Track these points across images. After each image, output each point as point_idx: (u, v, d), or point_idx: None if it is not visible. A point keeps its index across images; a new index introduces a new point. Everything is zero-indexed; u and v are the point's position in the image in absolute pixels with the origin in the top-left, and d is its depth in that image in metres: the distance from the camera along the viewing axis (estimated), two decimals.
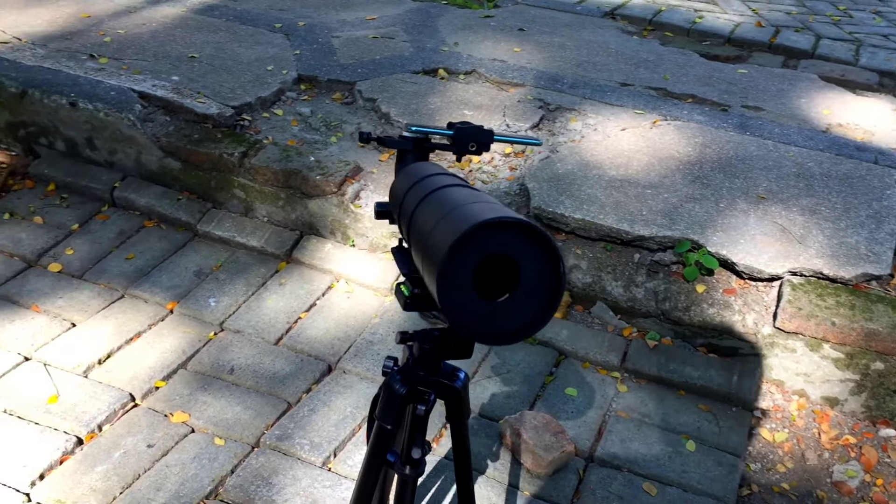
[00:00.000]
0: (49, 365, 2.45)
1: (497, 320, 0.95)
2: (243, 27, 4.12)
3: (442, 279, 0.90)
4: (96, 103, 3.21)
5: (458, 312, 0.93)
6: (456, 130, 1.63)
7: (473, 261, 0.92)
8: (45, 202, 3.21)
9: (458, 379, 1.34)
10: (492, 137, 1.64)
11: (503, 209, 0.96)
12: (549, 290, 0.93)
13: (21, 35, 3.82)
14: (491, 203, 1.01)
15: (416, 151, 1.62)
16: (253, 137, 3.17)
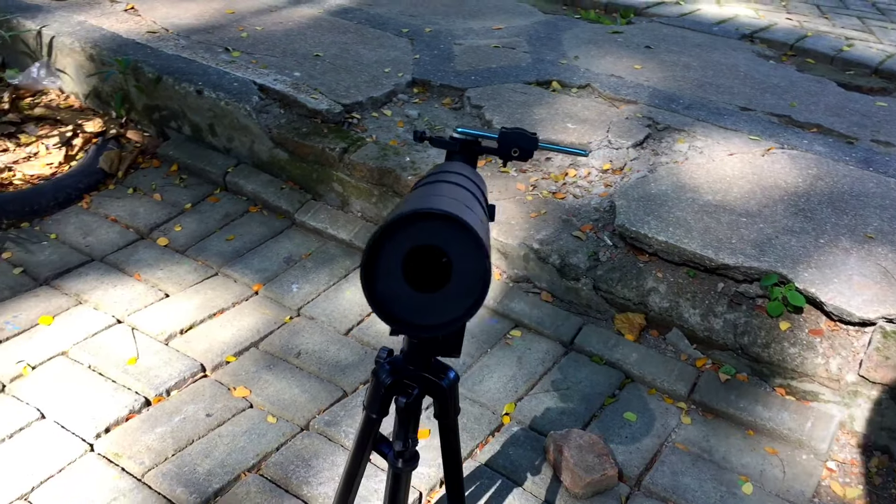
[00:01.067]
0: (136, 329, 2.62)
1: (427, 312, 0.95)
2: (372, 30, 4.26)
3: (365, 267, 0.91)
4: (219, 92, 3.42)
5: (385, 302, 0.94)
6: (501, 135, 1.64)
7: (402, 251, 0.93)
8: (166, 181, 3.45)
9: (446, 377, 1.34)
10: (536, 144, 1.63)
11: (448, 203, 0.96)
12: (478, 285, 0.93)
13: (169, 26, 4.12)
14: (450, 199, 1.02)
15: (463, 153, 1.63)
16: (357, 135, 3.28)
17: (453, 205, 0.96)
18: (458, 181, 1.21)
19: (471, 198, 1.12)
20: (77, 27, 3.97)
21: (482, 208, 1.16)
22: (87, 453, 2.18)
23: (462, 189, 1.15)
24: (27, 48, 4.09)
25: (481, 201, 1.20)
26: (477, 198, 1.18)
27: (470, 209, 0.99)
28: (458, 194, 1.07)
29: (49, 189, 3.30)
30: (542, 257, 2.78)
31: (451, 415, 1.38)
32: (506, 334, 2.69)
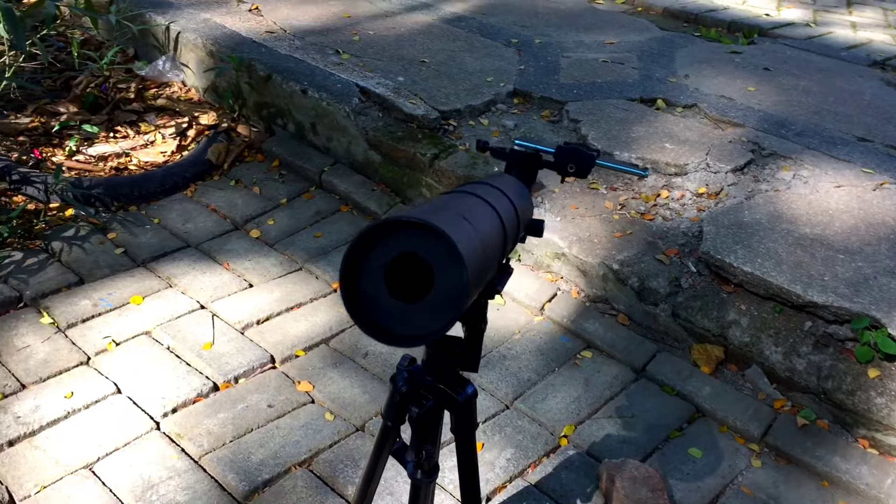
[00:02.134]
0: (217, 316, 2.72)
1: (406, 323, 0.94)
2: (481, 39, 4.27)
3: (345, 271, 0.91)
4: (322, 93, 3.51)
5: (365, 308, 0.93)
6: (558, 149, 1.61)
7: (387, 258, 0.92)
8: (266, 175, 3.57)
9: (463, 392, 1.32)
10: (593, 161, 1.60)
11: (440, 213, 0.94)
12: (457, 300, 0.91)
13: (287, 27, 4.26)
14: (448, 210, 1.00)
15: (521, 167, 1.62)
16: (449, 142, 3.29)
17: (444, 216, 0.94)
18: (479, 192, 1.19)
19: (480, 210, 1.10)
20: (202, 24, 4.16)
21: (496, 222, 1.13)
22: (152, 431, 2.28)
23: (476, 200, 1.13)
24: (156, 42, 4.33)
25: (502, 215, 1.17)
26: (495, 210, 1.16)
27: (467, 221, 0.97)
28: (463, 205, 1.05)
29: (158, 176, 3.48)
30: (621, 278, 2.70)
31: (467, 430, 1.36)
32: (576, 354, 2.63)
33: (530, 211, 1.47)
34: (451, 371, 1.32)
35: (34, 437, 2.23)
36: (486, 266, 1.02)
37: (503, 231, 1.18)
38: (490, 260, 1.07)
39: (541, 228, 1.50)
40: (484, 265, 1.01)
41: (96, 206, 3.31)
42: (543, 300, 2.81)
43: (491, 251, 1.08)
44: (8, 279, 2.83)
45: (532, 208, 1.49)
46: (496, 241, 1.13)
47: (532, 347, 2.65)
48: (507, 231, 1.20)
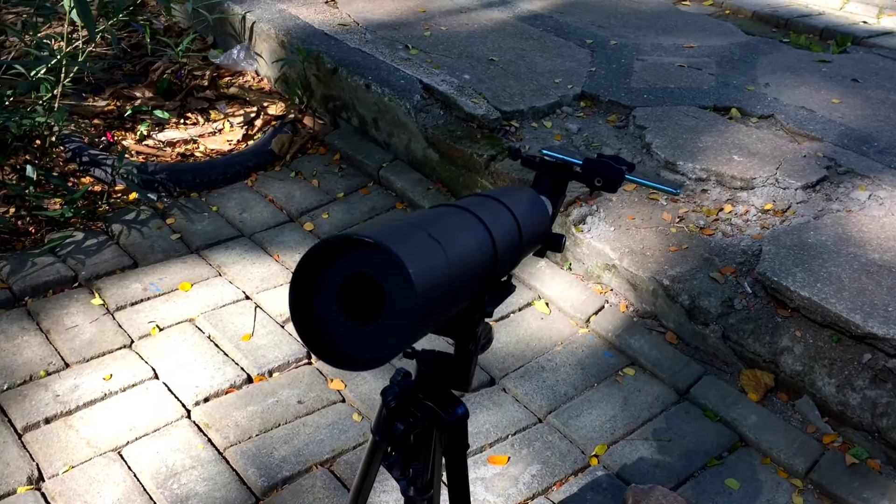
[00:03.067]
0: (260, 307, 2.74)
1: (359, 345, 0.89)
2: (554, 39, 4.18)
3: (294, 291, 0.87)
4: (385, 88, 3.49)
5: (317, 328, 0.89)
6: (585, 162, 1.54)
7: (339, 277, 0.88)
8: (326, 168, 3.57)
9: (453, 412, 1.27)
10: (621, 176, 1.53)
11: (396, 231, 0.89)
12: (407, 323, 0.86)
13: (360, 20, 4.26)
14: (410, 227, 0.95)
15: (551, 177, 1.56)
16: (507, 143, 3.22)
17: (404, 233, 0.89)
18: (472, 207, 1.13)
19: (462, 228, 1.04)
20: (276, 15, 4.20)
21: (482, 241, 1.07)
22: (183, 419, 2.30)
23: (463, 217, 1.08)
24: (233, 31, 4.40)
25: (495, 233, 1.11)
26: (486, 228, 1.10)
27: (434, 240, 0.92)
28: (441, 222, 1.00)
29: (221, 164, 3.53)
30: (671, 295, 2.59)
31: (456, 452, 1.31)
32: (618, 371, 2.54)
33: (545, 225, 1.41)
34: (442, 389, 1.27)
35: (70, 416, 2.28)
36: (454, 288, 0.97)
37: (493, 250, 1.12)
38: (464, 280, 1.02)
39: (560, 244, 1.43)
40: (451, 287, 0.95)
41: (159, 191, 3.38)
42: (590, 312, 2.72)
43: (466, 271, 1.02)
44: (66, 258, 2.92)
45: (549, 222, 1.42)
46: (478, 261, 1.07)
47: (573, 361, 2.57)
48: (500, 249, 1.15)
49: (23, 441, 2.20)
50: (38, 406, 2.29)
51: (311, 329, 0.89)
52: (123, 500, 2.05)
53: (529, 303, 2.81)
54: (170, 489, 2.08)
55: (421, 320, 0.86)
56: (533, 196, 1.41)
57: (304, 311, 0.89)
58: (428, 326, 0.93)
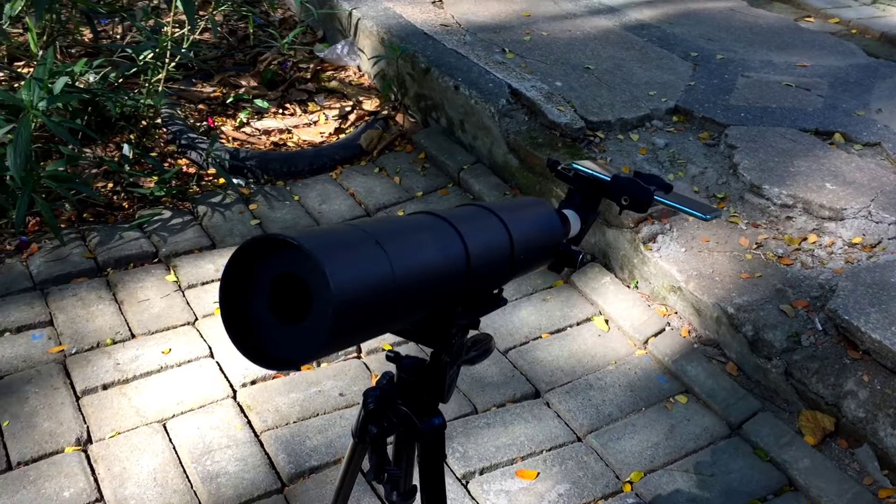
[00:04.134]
0: None
1: (284, 345, 0.89)
2: (657, 50, 4.06)
3: (223, 285, 0.88)
4: (473, 90, 3.49)
5: (246, 328, 0.90)
6: (613, 179, 1.51)
7: (270, 276, 0.88)
8: (410, 167, 3.61)
9: (428, 422, 1.25)
10: (648, 197, 1.48)
11: (331, 235, 0.89)
12: (325, 328, 0.85)
13: (462, 21, 4.28)
14: (358, 232, 0.94)
15: (583, 192, 1.53)
16: (588, 153, 3.16)
17: (340, 237, 0.89)
18: (451, 217, 1.12)
19: (426, 237, 1.03)
20: (381, 12, 4.27)
21: (450, 251, 1.05)
22: (228, 398, 2.38)
23: (433, 226, 1.06)
24: (341, 27, 4.50)
25: (471, 245, 1.09)
26: (461, 239, 1.08)
27: (379, 245, 0.91)
28: (399, 229, 0.99)
29: (308, 155, 3.62)
30: (735, 324, 2.47)
31: (431, 463, 1.29)
32: (670, 397, 2.45)
33: (556, 239, 1.37)
34: (421, 398, 1.26)
35: (126, 385, 2.40)
36: (402, 296, 0.95)
37: (466, 261, 1.10)
38: (420, 290, 1.00)
39: (576, 260, 1.40)
40: (395, 295, 0.94)
41: (247, 177, 3.50)
42: (649, 334, 2.63)
43: (423, 280, 1.00)
44: (151, 235, 3.06)
45: (561, 237, 1.39)
46: (443, 271, 1.05)
47: (624, 382, 2.49)
48: (476, 261, 1.12)
49: (79, 404, 2.32)
50: (98, 372, 2.42)
51: (239, 324, 0.90)
52: (159, 470, 2.13)
53: (589, 318, 2.74)
54: (203, 465, 2.15)
55: (342, 325, 0.85)
56: (543, 209, 1.38)
57: (235, 306, 0.90)
58: (360, 332, 0.92)
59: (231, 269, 0.88)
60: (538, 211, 1.38)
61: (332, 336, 0.84)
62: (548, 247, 1.38)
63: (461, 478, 2.16)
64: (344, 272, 0.85)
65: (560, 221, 1.40)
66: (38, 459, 2.15)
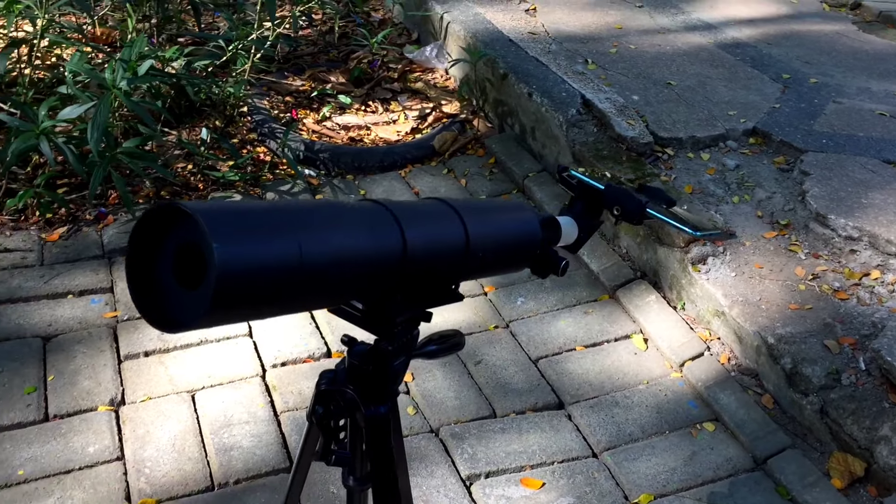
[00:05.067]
0: None
1: (180, 309, 0.93)
2: (748, 70, 3.93)
3: (131, 245, 0.92)
4: (545, 99, 3.48)
5: (149, 291, 0.93)
6: (606, 188, 1.50)
7: (173, 246, 0.92)
8: (478, 170, 3.63)
9: (374, 409, 1.27)
10: (640, 208, 1.47)
11: (228, 210, 0.92)
12: (208, 296, 0.88)
13: (551, 30, 4.26)
14: (279, 211, 0.97)
15: (585, 200, 1.53)
16: (651, 170, 3.09)
17: (236, 212, 0.92)
18: (397, 205, 1.14)
19: (354, 222, 1.04)
20: (471, 17, 4.31)
21: (381, 243, 1.07)
22: (257, 377, 2.46)
23: (361, 211, 1.08)
24: (433, 29, 4.57)
25: (409, 235, 1.10)
26: (400, 230, 1.09)
27: (288, 227, 0.93)
28: (309, 212, 1.01)
29: (380, 152, 3.70)
30: (773, 355, 2.37)
31: (376, 453, 1.31)
32: (697, 423, 2.37)
33: (532, 242, 1.37)
34: (370, 384, 1.28)
35: (165, 354, 2.52)
36: (310, 278, 0.97)
37: (402, 251, 1.11)
38: (339, 274, 1.02)
39: (559, 267, 1.39)
40: (301, 276, 0.96)
41: (319, 169, 3.61)
42: (686, 357, 2.56)
43: (342, 265, 1.02)
44: None
45: (538, 243, 1.38)
46: (370, 259, 1.06)
47: (652, 402, 2.43)
48: (416, 253, 1.13)
49: (120, 367, 2.46)
50: (143, 339, 2.56)
51: (144, 284, 0.94)
52: (179, 437, 2.23)
53: (628, 335, 2.69)
54: (220, 437, 2.24)
55: (226, 296, 0.87)
56: (521, 213, 1.38)
57: (142, 267, 0.94)
58: (256, 307, 0.94)
59: (138, 232, 0.92)
60: (514, 214, 1.38)
61: (215, 305, 0.87)
62: (522, 250, 1.38)
63: (465, 479, 2.16)
64: (235, 245, 0.87)
65: (540, 227, 1.39)
66: (72, 414, 2.29)
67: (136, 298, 0.94)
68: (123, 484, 2.10)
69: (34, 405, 2.30)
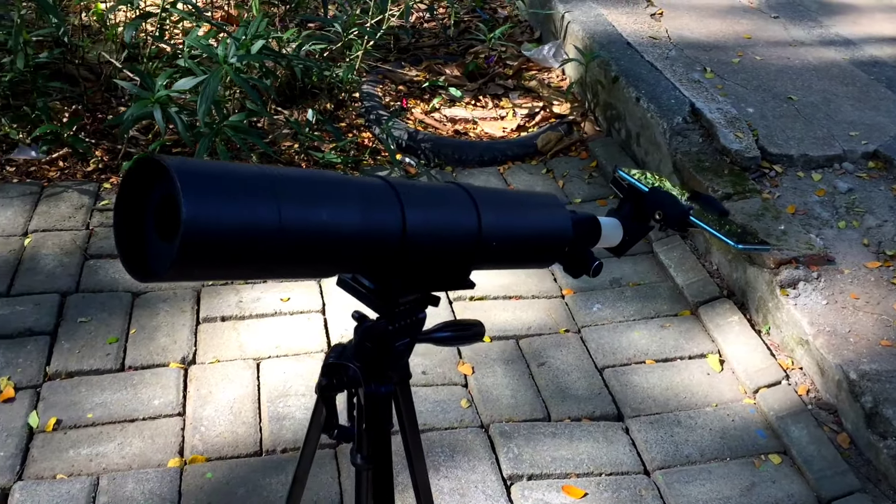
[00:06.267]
0: None
1: (157, 259, 0.95)
2: (882, 90, 3.67)
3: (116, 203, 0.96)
4: (651, 104, 3.38)
5: (129, 236, 0.96)
6: (650, 191, 1.46)
7: (156, 199, 0.95)
8: (578, 173, 3.57)
9: (373, 387, 1.28)
10: (684, 215, 1.42)
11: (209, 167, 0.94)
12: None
13: (674, 36, 4.13)
14: (237, 169, 0.98)
15: (632, 202, 1.50)
16: (753, 185, 2.95)
17: (217, 171, 0.93)
18: (410, 185, 1.14)
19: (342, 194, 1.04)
20: (591, 18, 4.24)
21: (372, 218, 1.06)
22: (321, 352, 2.52)
23: (365, 186, 1.08)
24: (553, 28, 4.53)
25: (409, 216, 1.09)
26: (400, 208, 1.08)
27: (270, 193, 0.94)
28: (299, 181, 1.01)
29: (481, 147, 3.70)
30: (854, 391, 2.22)
31: (372, 428, 1.31)
32: (762, 454, 2.25)
33: (559, 238, 1.33)
34: (373, 362, 1.29)
35: (241, 321, 2.61)
36: (288, 249, 0.97)
37: (402, 232, 1.10)
38: (321, 247, 1.02)
39: (588, 266, 1.36)
40: (284, 246, 0.96)
41: (419, 158, 3.65)
42: (762, 383, 2.43)
43: (326, 237, 1.02)
44: None
45: (567, 241, 1.34)
46: (360, 235, 1.05)
47: (717, 426, 2.32)
48: (417, 236, 1.11)
49: (197, 328, 2.57)
50: (222, 305, 2.66)
51: (129, 233, 0.96)
52: (238, 401, 2.31)
53: (703, 355, 2.57)
54: (276, 406, 2.30)
55: (192, 250, 0.88)
56: (552, 208, 1.34)
57: (129, 215, 0.96)
58: (226, 266, 0.95)
59: (127, 183, 0.95)
60: (544, 209, 1.34)
61: (181, 258, 0.89)
62: (547, 246, 1.35)
63: (506, 478, 2.13)
64: (206, 202, 0.89)
65: (572, 225, 1.36)
66: (145, 368, 2.41)
67: (119, 244, 0.97)
68: (180, 438, 2.20)
69: (113, 355, 2.44)
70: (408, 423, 1.50)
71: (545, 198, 1.36)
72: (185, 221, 0.88)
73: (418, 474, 1.58)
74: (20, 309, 2.56)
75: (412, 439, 1.52)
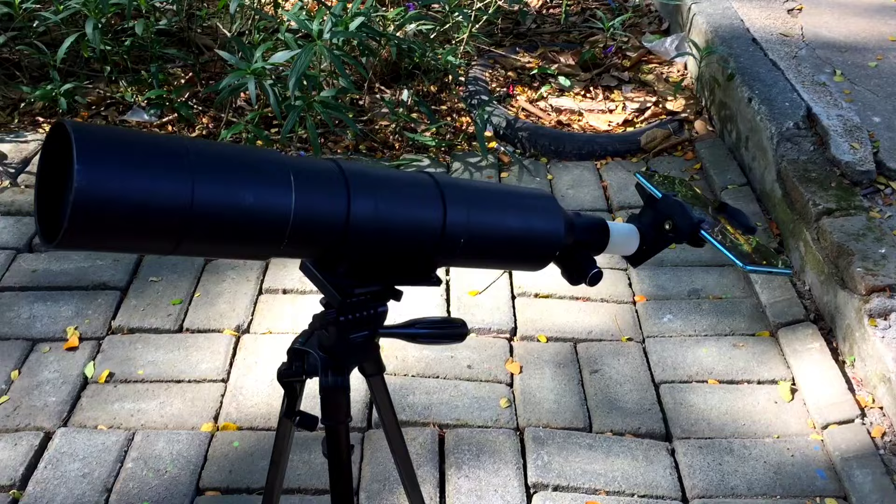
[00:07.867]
0: (508, 273, 2.78)
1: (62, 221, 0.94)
2: None
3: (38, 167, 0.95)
4: (763, 106, 3.14)
5: (47, 207, 0.95)
6: (663, 198, 1.36)
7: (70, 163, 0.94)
8: (678, 174, 3.38)
9: (328, 377, 1.24)
10: (693, 228, 1.31)
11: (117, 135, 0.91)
12: None
13: (808, 34, 3.83)
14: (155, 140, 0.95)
15: (651, 206, 1.41)
16: (859, 202, 2.68)
17: (126, 140, 0.91)
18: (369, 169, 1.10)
19: (273, 175, 0.99)
20: (720, 11, 3.99)
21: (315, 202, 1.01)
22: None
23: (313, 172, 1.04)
24: (681, 20, 4.30)
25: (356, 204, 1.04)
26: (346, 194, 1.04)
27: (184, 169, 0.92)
28: (230, 159, 0.97)
29: (581, 139, 3.57)
30: None
31: (326, 418, 1.28)
32: (817, 496, 2.05)
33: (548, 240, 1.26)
34: (332, 352, 1.26)
35: (300, 295, 2.65)
36: (200, 228, 0.94)
37: (345, 220, 1.05)
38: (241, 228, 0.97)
39: (586, 273, 1.29)
40: (196, 224, 0.93)
41: (516, 146, 3.56)
42: (833, 419, 2.21)
43: (254, 219, 0.98)
44: None
45: (557, 244, 1.27)
46: (284, 218, 1.00)
47: (773, 460, 2.13)
48: (362, 225, 1.06)
49: (257, 299, 2.62)
50: (285, 278, 2.70)
51: (48, 197, 0.95)
52: None
53: (774, 380, 2.37)
54: (314, 383, 2.30)
55: (84, 219, 0.86)
56: (541, 210, 1.26)
57: (49, 180, 0.95)
58: (128, 238, 0.92)
59: (46, 148, 0.95)
60: (532, 208, 1.26)
61: (72, 226, 0.86)
62: (531, 247, 1.27)
63: (530, 485, 2.05)
64: (106, 171, 0.87)
65: (565, 227, 1.27)
66: (201, 331, 2.48)
67: (37, 209, 0.97)
68: (217, 404, 2.25)
69: (174, 316, 2.52)
70: (385, 417, 1.46)
71: (537, 198, 1.28)
72: (76, 189, 0.87)
73: (403, 467, 1.54)
74: (100, 263, 2.69)
75: (392, 434, 1.49)
